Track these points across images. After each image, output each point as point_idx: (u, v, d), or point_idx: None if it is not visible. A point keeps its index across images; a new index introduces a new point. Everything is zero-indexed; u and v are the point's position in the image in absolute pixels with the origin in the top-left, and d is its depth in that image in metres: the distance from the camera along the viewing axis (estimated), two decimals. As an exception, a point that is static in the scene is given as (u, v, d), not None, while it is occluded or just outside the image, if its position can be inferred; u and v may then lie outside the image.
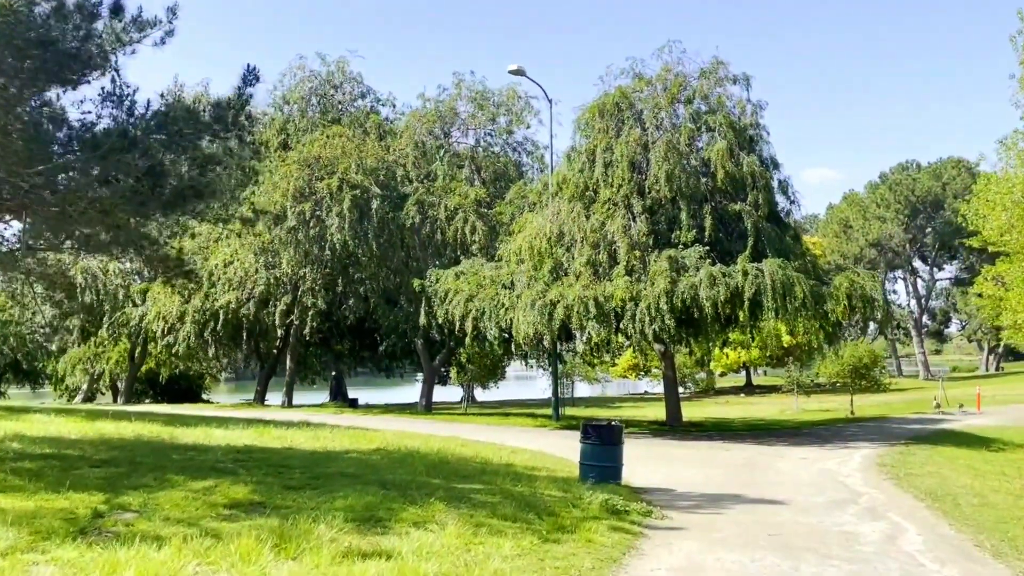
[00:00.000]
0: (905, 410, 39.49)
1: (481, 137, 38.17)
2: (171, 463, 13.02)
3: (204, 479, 11.54)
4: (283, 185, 33.50)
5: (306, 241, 33.58)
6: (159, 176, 11.34)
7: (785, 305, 23.49)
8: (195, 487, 10.85)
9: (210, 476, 11.88)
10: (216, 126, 13.48)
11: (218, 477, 11.81)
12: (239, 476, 12.05)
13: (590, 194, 27.07)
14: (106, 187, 11.02)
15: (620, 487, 14.07)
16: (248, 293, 34.77)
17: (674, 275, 23.89)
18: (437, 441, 20.38)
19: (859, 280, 25.51)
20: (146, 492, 10.18)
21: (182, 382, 56.33)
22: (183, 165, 13.46)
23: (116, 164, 10.71)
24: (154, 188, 11.41)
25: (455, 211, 32.62)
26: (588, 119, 27.76)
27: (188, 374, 55.79)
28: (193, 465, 13.01)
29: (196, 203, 12.84)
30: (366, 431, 22.34)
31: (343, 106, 42.17)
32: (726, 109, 26.88)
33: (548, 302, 25.00)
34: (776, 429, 30.26)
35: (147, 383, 56.05)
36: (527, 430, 27.98)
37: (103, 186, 11.10)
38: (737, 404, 51.10)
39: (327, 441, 18.53)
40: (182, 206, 12.19)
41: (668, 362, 30.52)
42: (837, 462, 19.96)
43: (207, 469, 12.63)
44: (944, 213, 78.35)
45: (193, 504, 9.70)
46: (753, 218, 25.19)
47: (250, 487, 11.05)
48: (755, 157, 26.03)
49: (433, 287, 29.41)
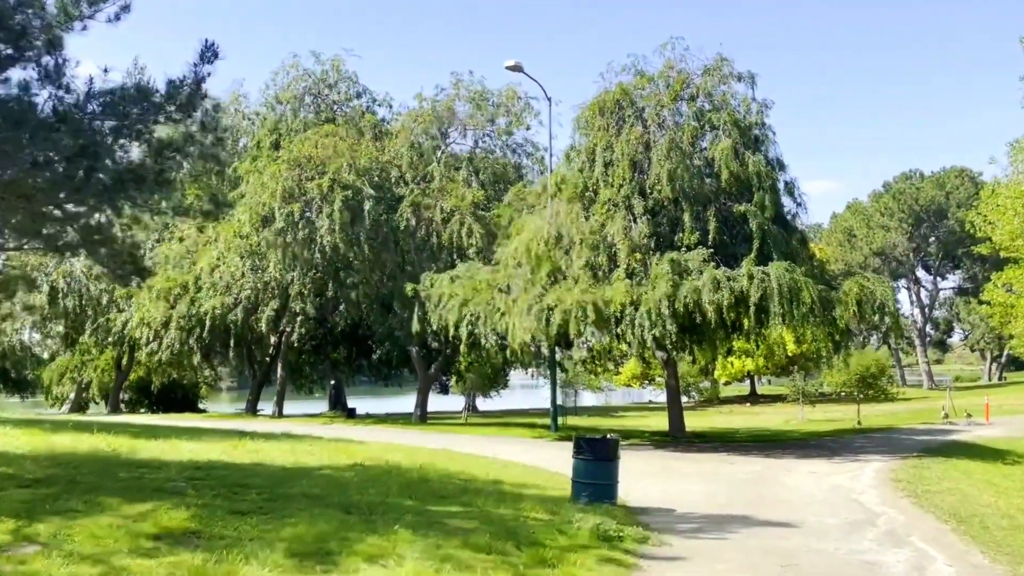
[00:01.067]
0: (912, 420, 38.30)
1: (479, 138, 37.02)
2: (114, 483, 11.74)
3: (143, 502, 10.28)
4: (272, 185, 32.21)
5: (295, 244, 32.23)
6: (93, 159, 10.09)
7: (792, 311, 22.18)
8: (128, 512, 9.58)
9: (152, 498, 10.61)
10: (169, 106, 12.25)
11: (160, 500, 10.54)
12: (185, 498, 10.77)
13: (590, 195, 25.82)
14: (36, 170, 9.78)
15: (615, 507, 12.79)
16: (235, 298, 33.43)
17: (676, 278, 22.59)
18: (424, 455, 19.09)
19: (869, 285, 24.20)
20: (67, 519, 8.89)
21: (177, 391, 54.90)
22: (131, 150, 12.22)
23: (44, 144, 9.49)
24: (88, 173, 10.17)
25: (451, 213, 31.33)
26: (588, 117, 26.52)
27: (182, 383, 54.37)
28: (138, 485, 11.72)
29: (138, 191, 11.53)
30: (350, 443, 21.06)
31: (338, 106, 40.84)
32: (730, 107, 25.57)
33: (545, 307, 23.72)
34: (782, 440, 28.97)
35: (140, 392, 54.69)
36: (524, 441, 26.69)
37: (35, 168, 9.86)
38: (741, 414, 50.06)
39: (304, 455, 17.21)
40: (121, 193, 10.91)
41: (671, 370, 29.21)
42: (848, 476, 18.68)
43: (152, 490, 11.35)
44: (948, 222, 77.69)
45: (114, 535, 8.41)
46: (758, 220, 23.90)
47: (192, 512, 9.77)
48: (760, 157, 24.76)
49: (427, 292, 28.17)
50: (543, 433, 29.07)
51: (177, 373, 49.42)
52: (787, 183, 26.53)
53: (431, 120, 34.92)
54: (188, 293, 34.22)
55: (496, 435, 28.86)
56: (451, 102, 35.84)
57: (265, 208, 32.27)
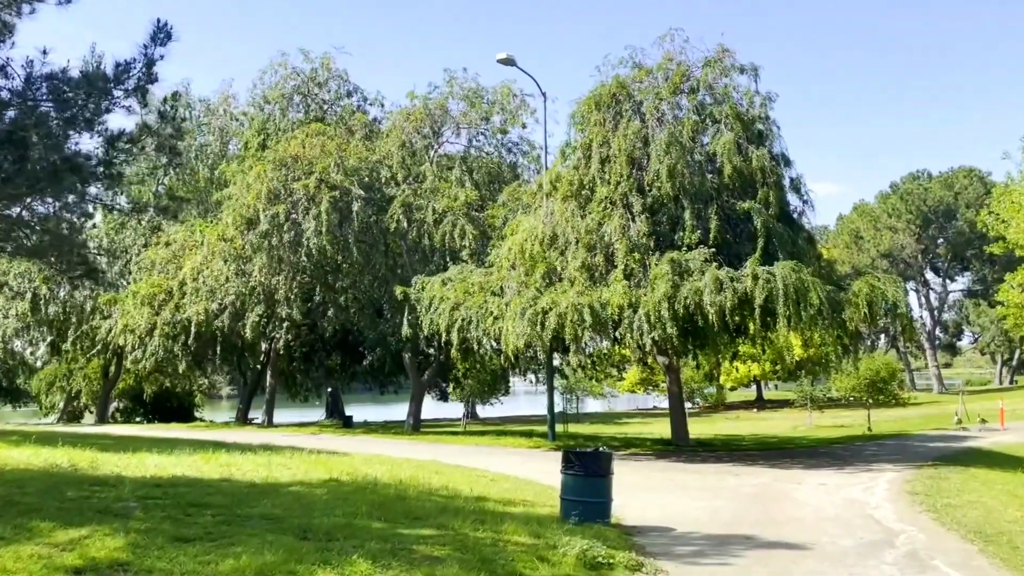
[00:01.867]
0: (924, 426, 37.24)
1: (473, 137, 35.89)
2: (57, 504, 10.65)
3: (80, 527, 9.19)
4: (256, 187, 31.09)
5: (280, 247, 31.12)
6: (22, 147, 9.05)
7: (799, 312, 21.06)
8: (59, 539, 8.50)
9: (92, 522, 9.53)
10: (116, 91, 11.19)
11: (100, 523, 9.46)
12: (129, 522, 9.69)
13: (586, 192, 24.73)
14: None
15: (608, 527, 11.67)
16: (219, 304, 32.28)
17: (676, 279, 21.49)
18: (408, 468, 17.96)
19: (880, 285, 23.05)
20: (-19, 549, 7.82)
21: (172, 400, 53.77)
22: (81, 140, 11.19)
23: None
24: (18, 163, 9.12)
25: (443, 214, 30.17)
26: (583, 112, 25.43)
27: (175, 391, 53.19)
28: (83, 506, 10.65)
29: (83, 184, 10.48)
30: (333, 456, 19.95)
31: (328, 105, 39.76)
32: (733, 100, 24.47)
33: (539, 310, 22.64)
34: (790, 448, 27.87)
35: (135, 401, 53.58)
36: (519, 452, 25.56)
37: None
38: (748, 420, 49.16)
39: (278, 469, 16.11)
40: (58, 185, 9.87)
41: (673, 376, 28.10)
42: (862, 489, 17.54)
43: (95, 512, 10.28)
44: (956, 223, 76.91)
45: (29, 568, 7.34)
46: (763, 217, 22.79)
47: (129, 539, 8.69)
48: (765, 151, 23.63)
49: (417, 295, 27.10)
50: (540, 442, 27.96)
51: (170, 382, 48.17)
52: (792, 179, 25.48)
53: (423, 118, 33.79)
54: (173, 299, 33.10)
55: (491, 445, 27.75)
56: (444, 100, 34.72)
57: (249, 210, 31.15)
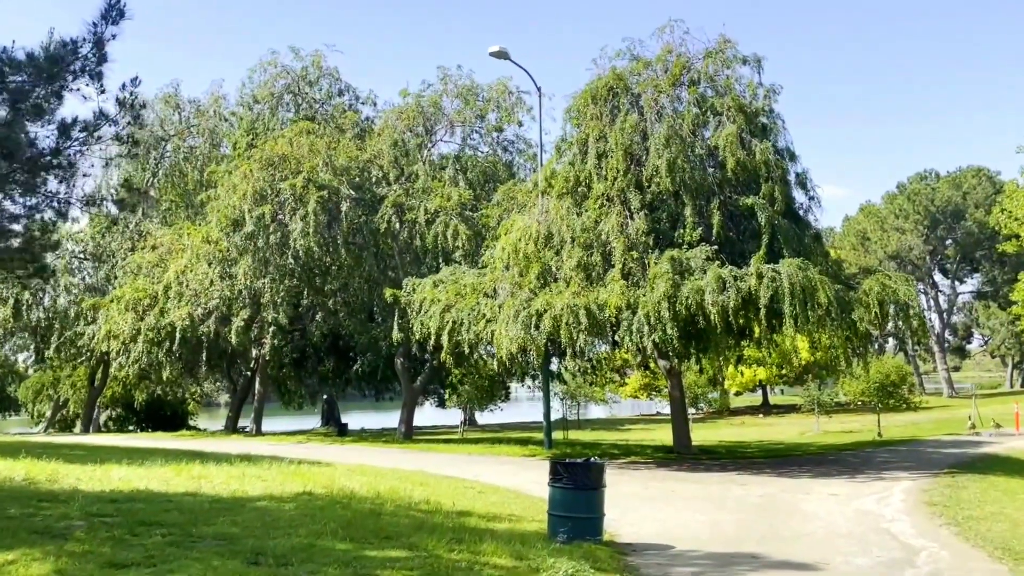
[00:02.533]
0: (936, 431, 36.20)
1: (468, 135, 34.90)
2: (-9, 523, 9.67)
3: (11, 550, 8.26)
4: (242, 187, 30.10)
5: (267, 248, 30.11)
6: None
7: (806, 313, 20.03)
8: (-26, 566, 7.51)
9: (26, 544, 8.58)
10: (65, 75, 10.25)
11: (33, 545, 8.51)
12: (67, 544, 8.72)
13: (583, 189, 23.75)
14: None
15: (599, 546, 10.66)
16: (204, 308, 31.23)
17: (677, 278, 20.47)
18: (391, 479, 16.97)
19: (891, 284, 22.02)
20: None
21: (166, 408, 52.74)
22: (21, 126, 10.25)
23: None
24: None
25: (436, 214, 29.17)
26: (579, 106, 24.44)
27: (167, 399, 52.04)
28: (23, 525, 9.66)
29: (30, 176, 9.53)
30: (314, 466, 18.92)
31: (319, 105, 38.71)
32: (735, 92, 23.46)
33: (534, 312, 21.63)
34: (797, 456, 26.81)
35: (127, 409, 52.49)
36: (512, 461, 24.51)
37: None
38: (753, 426, 48.10)
39: (251, 481, 15.10)
40: None
41: (674, 381, 27.06)
42: (876, 499, 16.51)
43: (33, 532, 9.31)
44: (965, 223, 75.67)
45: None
46: (768, 213, 21.75)
47: (60, 564, 7.75)
48: (769, 144, 22.60)
49: (408, 298, 26.11)
50: (536, 450, 26.91)
51: (161, 389, 47.06)
52: (798, 175, 24.43)
53: (416, 116, 32.80)
54: (158, 304, 32.08)
55: (483, 453, 26.70)
56: (438, 97, 33.74)
57: (235, 211, 30.14)
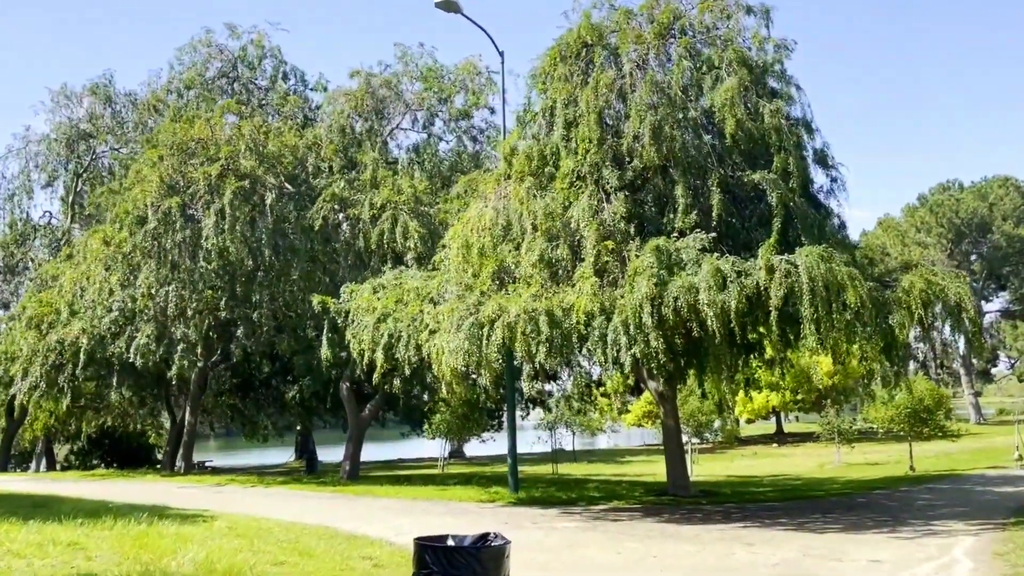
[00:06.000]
0: (976, 463, 31.80)
1: (427, 120, 30.27)
2: None
3: None
4: (152, 177, 25.44)
5: (175, 250, 25.46)
6: None
7: (831, 317, 15.28)
8: None
9: None
10: None
11: None
12: None
13: (550, 169, 19.10)
14: None
15: None
16: (101, 322, 26.38)
17: (663, 274, 15.74)
18: (269, 542, 12.35)
19: (938, 281, 17.26)
20: None
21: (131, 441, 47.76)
22: None
23: None
24: None
25: (383, 209, 24.45)
26: (546, 67, 19.77)
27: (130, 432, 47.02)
28: None
29: None
30: (185, 523, 14.37)
31: (263, 92, 33.98)
32: (736, 44, 18.77)
33: (484, 319, 16.93)
34: (819, 496, 22.02)
35: (91, 443, 47.40)
36: (462, 509, 19.57)
37: None
38: (766, 456, 43.60)
39: (59, 552, 10.62)
40: None
41: (667, 407, 22.18)
42: (935, 569, 11.74)
43: None
44: (992, 237, 71.03)
45: None
46: (780, 192, 17.04)
47: None
48: (780, 104, 17.91)
49: (340, 307, 21.51)
50: (499, 494, 21.97)
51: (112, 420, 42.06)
52: (817, 151, 19.63)
53: (364, 98, 28.17)
54: (61, 318, 27.40)
55: (432, 498, 21.71)
56: (391, 78, 29.15)
57: (138, 205, 25.51)
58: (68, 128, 37.36)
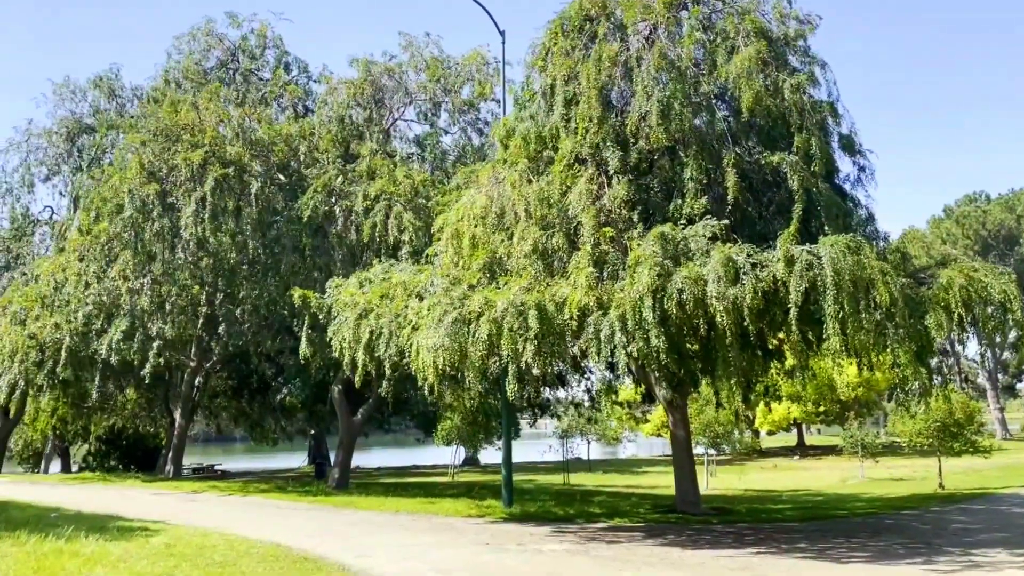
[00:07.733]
0: (1007, 480, 30.01)
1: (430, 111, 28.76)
2: None
3: None
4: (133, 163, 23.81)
5: (153, 240, 23.77)
6: None
7: (858, 316, 13.45)
8: None
9: None
10: None
11: None
12: None
13: (549, 153, 17.40)
14: None
15: None
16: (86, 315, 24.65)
17: (668, 264, 13.98)
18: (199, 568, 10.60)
19: (980, 277, 15.38)
20: None
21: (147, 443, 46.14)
22: None
23: None
24: None
25: (376, 200, 22.79)
26: (546, 43, 18.12)
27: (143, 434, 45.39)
28: None
29: None
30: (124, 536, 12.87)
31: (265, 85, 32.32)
32: (754, 15, 17.00)
33: (467, 315, 15.22)
34: (842, 515, 20.12)
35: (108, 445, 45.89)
36: (447, 525, 17.82)
37: None
38: (787, 469, 41.73)
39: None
40: None
41: (676, 416, 20.34)
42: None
43: None
44: (1021, 249, 68.89)
45: None
46: (801, 175, 15.25)
47: None
48: (803, 78, 16.11)
49: (320, 302, 19.88)
50: (491, 508, 20.19)
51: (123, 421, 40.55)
52: (843, 136, 17.77)
53: (363, 85, 26.62)
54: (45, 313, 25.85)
55: (416, 512, 19.95)
56: (394, 66, 27.64)
57: (115, 192, 23.98)
58: (70, 121, 36.19)
